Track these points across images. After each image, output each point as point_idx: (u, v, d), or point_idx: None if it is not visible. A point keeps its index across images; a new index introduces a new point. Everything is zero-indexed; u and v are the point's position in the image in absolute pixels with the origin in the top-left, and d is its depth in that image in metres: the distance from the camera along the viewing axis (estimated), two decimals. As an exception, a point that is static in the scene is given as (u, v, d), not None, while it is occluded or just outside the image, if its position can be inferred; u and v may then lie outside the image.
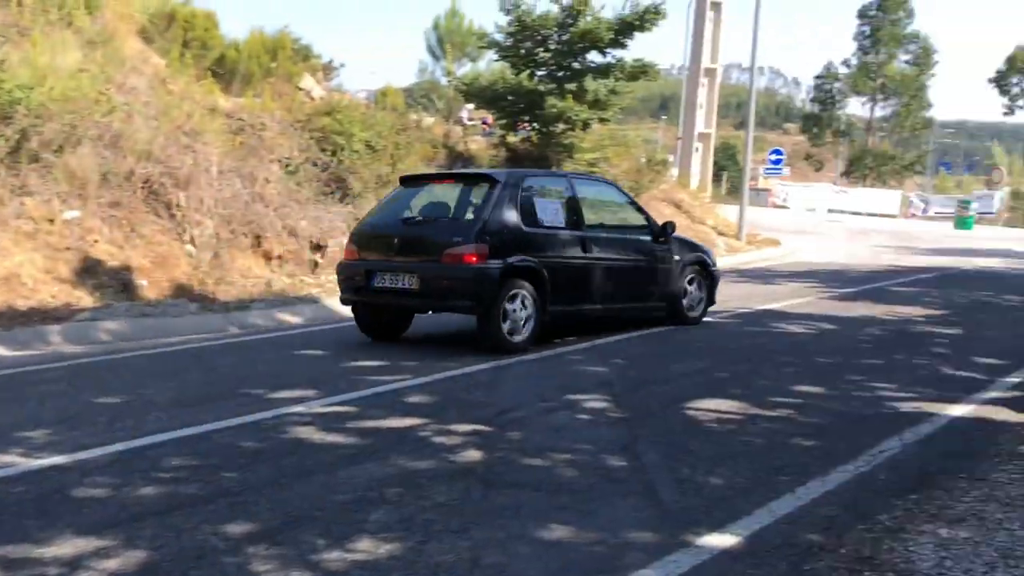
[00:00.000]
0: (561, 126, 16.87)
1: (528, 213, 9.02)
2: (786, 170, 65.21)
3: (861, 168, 60.94)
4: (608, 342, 9.23)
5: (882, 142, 62.35)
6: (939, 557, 3.98)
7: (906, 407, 6.69)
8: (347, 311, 9.77)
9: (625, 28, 17.06)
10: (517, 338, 8.71)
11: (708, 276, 10.79)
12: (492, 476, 4.98)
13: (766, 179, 54.24)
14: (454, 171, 14.52)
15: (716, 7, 28.33)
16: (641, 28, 17.13)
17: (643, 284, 10.16)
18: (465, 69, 23.56)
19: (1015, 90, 66.50)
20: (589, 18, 16.83)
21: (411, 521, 4.27)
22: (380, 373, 7.65)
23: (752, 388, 7.20)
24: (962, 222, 38.45)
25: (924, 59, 60.57)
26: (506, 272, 8.57)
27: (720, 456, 5.41)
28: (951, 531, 4.24)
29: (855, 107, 64.38)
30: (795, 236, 26.34)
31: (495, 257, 8.53)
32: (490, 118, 20.11)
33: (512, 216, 8.82)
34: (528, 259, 8.77)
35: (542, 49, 17.24)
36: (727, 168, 66.82)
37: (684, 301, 10.44)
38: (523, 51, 17.33)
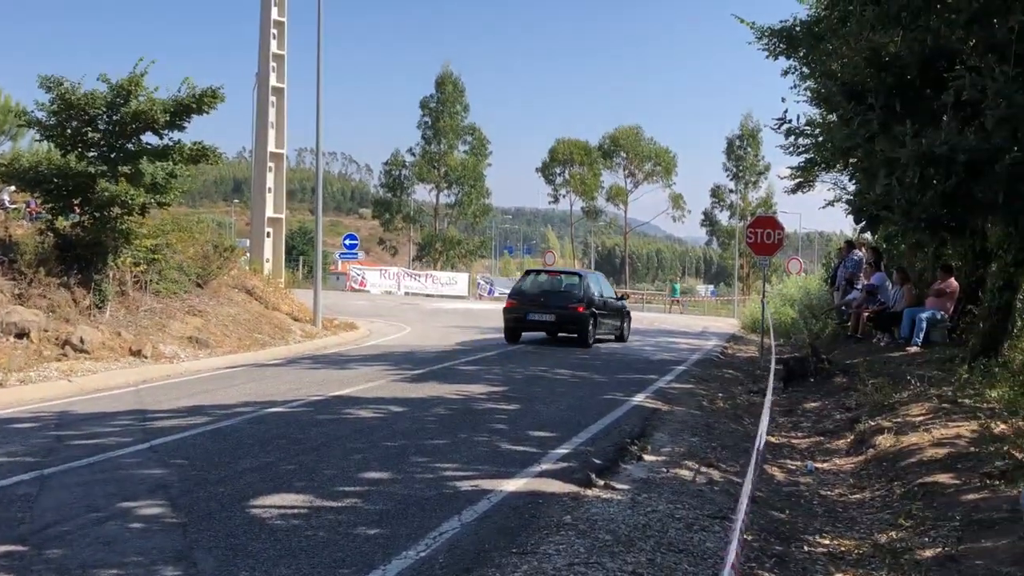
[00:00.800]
0: (117, 210, 15.85)
1: (591, 288, 20.48)
2: (362, 254, 67.06)
3: (432, 252, 64.08)
4: (169, 441, 8.66)
5: (449, 227, 66.08)
6: (489, 636, 4.07)
7: (466, 486, 6.93)
8: None
9: (182, 110, 16.50)
10: (590, 340, 19.88)
11: (630, 319, 23.52)
12: (22, 606, 4.41)
13: (344, 263, 55.22)
14: (558, 268, 31.17)
15: (279, 92, 28.64)
16: (199, 111, 16.68)
17: (616, 322, 22.13)
18: (5, 148, 21.57)
19: (559, 180, 74.17)
20: (142, 99, 16.09)
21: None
22: None
23: (318, 479, 7.09)
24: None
25: (480, 150, 65.47)
26: (590, 315, 19.82)
27: (281, 555, 5.22)
28: (501, 608, 4.37)
29: (423, 193, 67.89)
30: (372, 320, 26.89)
31: (586, 309, 19.75)
32: (36, 201, 18.47)
33: (589, 291, 20.20)
34: (594, 310, 20.08)
35: (91, 129, 16.18)
36: (306, 252, 67.26)
37: (625, 331, 22.71)
38: (69, 131, 16.15)
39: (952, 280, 15.15)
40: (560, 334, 20.37)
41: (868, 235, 19.09)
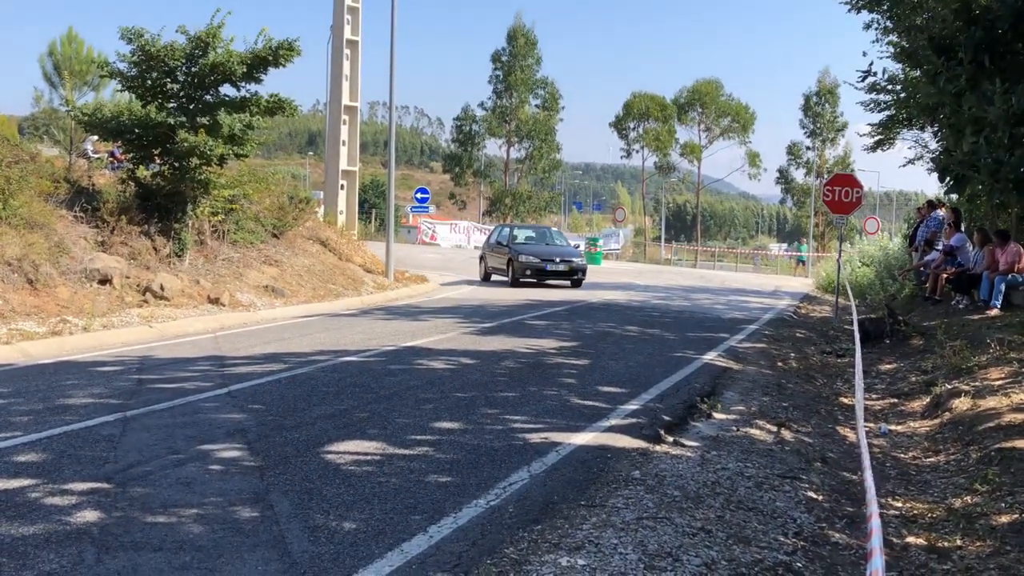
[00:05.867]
0: (195, 161, 16.14)
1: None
2: (432, 208, 67.33)
3: (502, 207, 64.04)
4: (246, 387, 8.87)
5: (519, 182, 65.93)
6: (559, 585, 4.13)
7: (535, 438, 6.98)
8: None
9: (258, 63, 16.69)
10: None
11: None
12: (109, 538, 4.62)
13: (414, 217, 55.53)
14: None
15: (353, 45, 28.69)
16: (276, 63, 16.85)
17: None
18: (88, 98, 22.04)
19: (632, 134, 73.30)
20: (220, 50, 16.29)
21: (11, 596, 3.85)
22: (-16, 432, 6.84)
23: (391, 427, 7.20)
24: (591, 257, 41.36)
25: (552, 104, 65.00)
26: None
27: (355, 500, 5.33)
28: (571, 559, 4.43)
29: (493, 148, 67.78)
30: (443, 273, 27.06)
31: None
32: (119, 151, 18.91)
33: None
34: None
35: (170, 80, 16.46)
36: (378, 205, 67.79)
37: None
38: (149, 82, 16.44)
39: (1012, 245, 14.73)
40: None
41: (953, 195, 18.61)
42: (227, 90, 17.12)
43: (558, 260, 23.55)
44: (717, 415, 8.29)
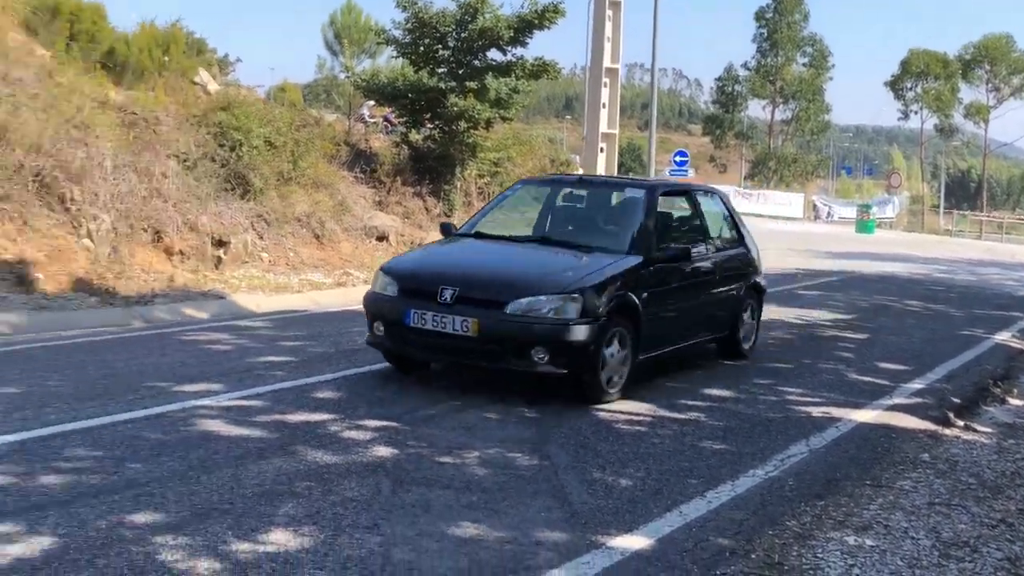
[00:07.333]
0: (463, 124, 16.64)
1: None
2: (691, 171, 66.32)
3: (765, 171, 62.09)
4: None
5: (784, 145, 63.60)
6: (847, 565, 3.98)
7: (812, 412, 6.74)
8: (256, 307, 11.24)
9: (525, 26, 16.87)
10: None
11: None
12: (402, 473, 4.88)
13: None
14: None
15: (615, 6, 28.41)
16: (541, 26, 16.96)
17: None
18: (364, 65, 23.21)
19: (910, 94, 68.48)
20: (488, 15, 16.63)
21: (321, 515, 4.18)
22: (287, 368, 7.41)
23: (660, 390, 7.17)
24: (864, 226, 39.25)
25: (820, 62, 61.89)
26: None
27: (629, 458, 5.36)
28: (858, 539, 4.24)
29: (756, 109, 65.63)
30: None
31: None
32: (393, 115, 19.86)
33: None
34: None
35: (441, 46, 17.00)
36: (634, 169, 67.63)
37: None
38: (422, 48, 17.06)
39: None
40: None
41: None
42: (493, 54, 17.49)
43: (448, 298, 6.44)
44: (1013, 400, 7.67)
